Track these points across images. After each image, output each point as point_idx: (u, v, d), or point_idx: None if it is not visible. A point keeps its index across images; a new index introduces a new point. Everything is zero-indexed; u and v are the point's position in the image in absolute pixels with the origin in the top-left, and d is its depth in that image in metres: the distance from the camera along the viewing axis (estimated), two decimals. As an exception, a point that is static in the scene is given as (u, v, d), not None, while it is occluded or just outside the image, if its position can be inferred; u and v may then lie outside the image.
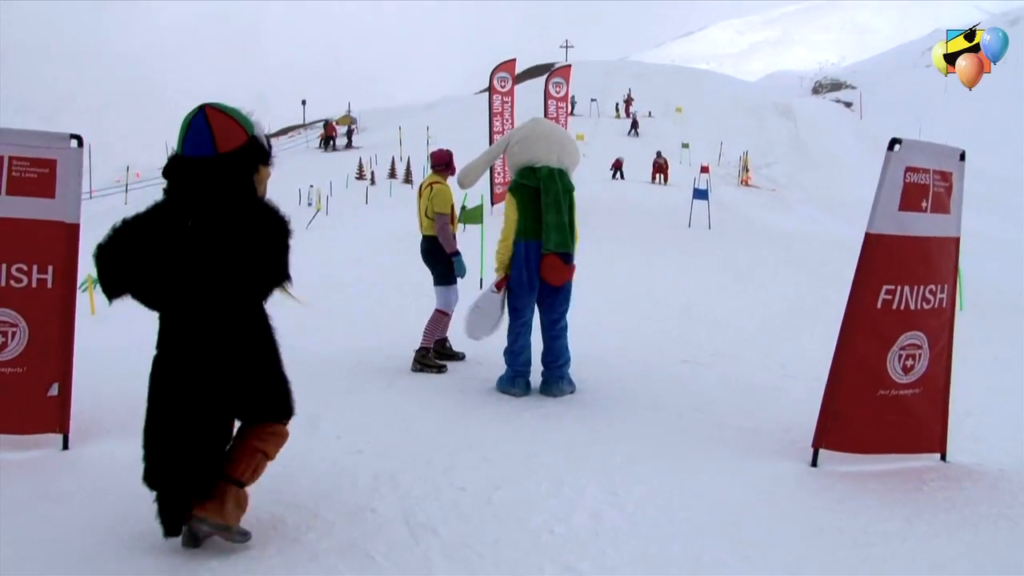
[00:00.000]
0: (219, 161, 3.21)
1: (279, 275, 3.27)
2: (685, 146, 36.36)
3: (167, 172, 3.29)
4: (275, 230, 3.23)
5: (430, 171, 7.13)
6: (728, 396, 6.08)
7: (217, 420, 3.32)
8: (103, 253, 3.27)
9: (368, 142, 41.92)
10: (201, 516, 3.26)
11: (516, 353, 6.08)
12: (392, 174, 32.95)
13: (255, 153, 3.31)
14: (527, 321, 6.09)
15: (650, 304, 10.87)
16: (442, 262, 6.79)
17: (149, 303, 3.32)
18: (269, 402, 3.44)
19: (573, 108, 46.20)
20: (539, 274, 5.92)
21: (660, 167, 30.22)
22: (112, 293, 3.33)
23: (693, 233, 19.22)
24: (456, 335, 6.90)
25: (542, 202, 5.85)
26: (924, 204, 4.39)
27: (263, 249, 3.21)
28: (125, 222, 3.31)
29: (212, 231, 3.17)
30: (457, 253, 6.80)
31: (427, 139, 37.60)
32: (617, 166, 30.59)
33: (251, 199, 3.28)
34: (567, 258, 5.93)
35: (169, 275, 3.21)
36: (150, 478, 3.27)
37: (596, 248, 10.75)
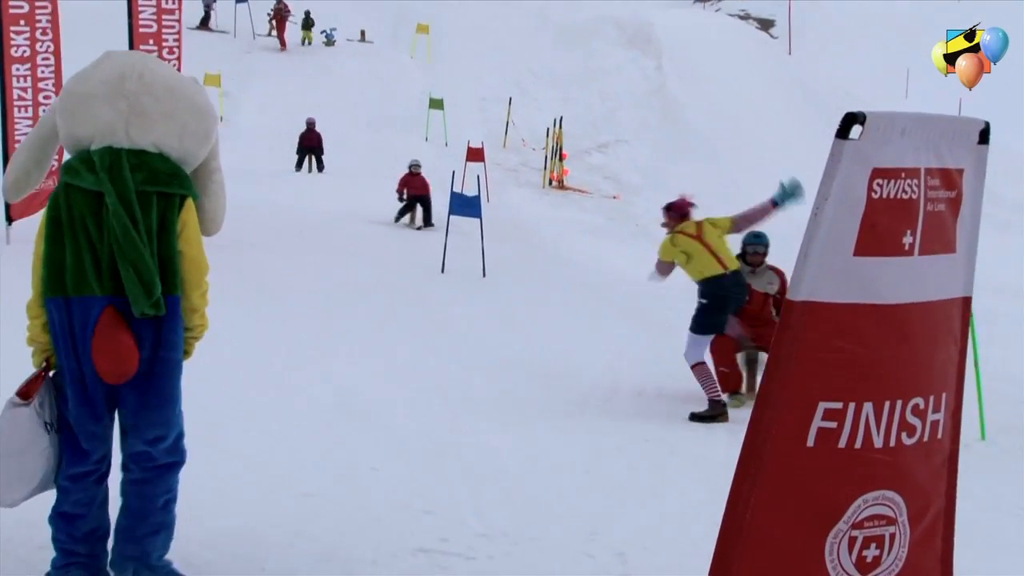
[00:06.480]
0: None
1: None
2: (436, 105, 27.60)
3: None
4: None
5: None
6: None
7: None
8: None
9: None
10: None
11: (70, 518, 4.56)
12: None
13: None
14: (94, 454, 4.62)
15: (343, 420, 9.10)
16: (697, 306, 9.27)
17: None
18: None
19: (207, 20, 33.37)
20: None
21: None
22: None
23: (450, 282, 15.14)
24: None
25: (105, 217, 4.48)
26: (907, 239, 3.49)
27: None
28: None
29: None
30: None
31: None
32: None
33: None
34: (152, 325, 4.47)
35: None
36: None
37: (256, 302, 10.31)
